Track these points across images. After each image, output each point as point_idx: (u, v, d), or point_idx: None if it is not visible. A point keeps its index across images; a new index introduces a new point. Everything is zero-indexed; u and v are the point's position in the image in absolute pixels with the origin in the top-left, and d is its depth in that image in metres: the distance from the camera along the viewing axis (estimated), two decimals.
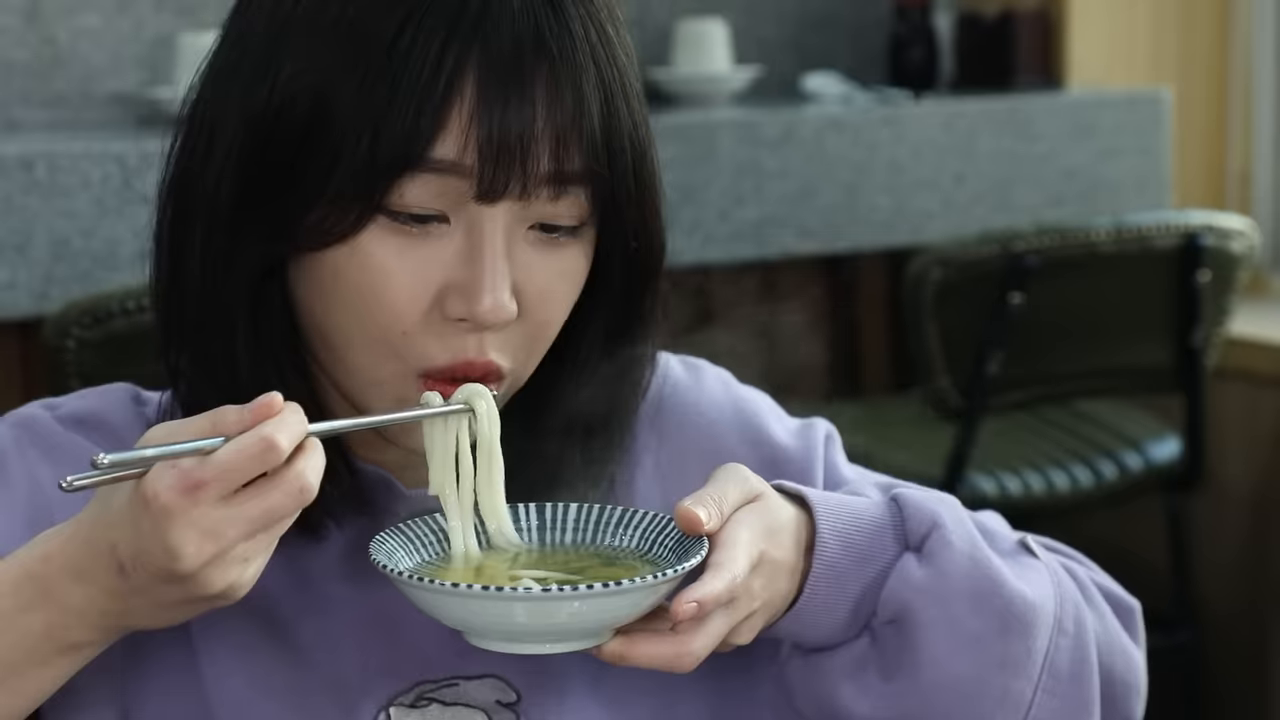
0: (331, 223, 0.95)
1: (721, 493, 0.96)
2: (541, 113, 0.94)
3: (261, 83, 0.97)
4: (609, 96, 0.96)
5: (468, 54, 0.93)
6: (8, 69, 2.70)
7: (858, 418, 2.70)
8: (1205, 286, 2.55)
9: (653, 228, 1.02)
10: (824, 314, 3.01)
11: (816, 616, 1.00)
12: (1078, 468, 2.65)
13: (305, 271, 0.99)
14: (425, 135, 0.93)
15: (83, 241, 2.30)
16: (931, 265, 2.44)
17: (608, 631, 0.93)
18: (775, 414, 1.15)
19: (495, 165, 0.94)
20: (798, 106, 2.96)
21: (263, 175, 0.97)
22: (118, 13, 2.78)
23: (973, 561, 1.02)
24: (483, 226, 0.96)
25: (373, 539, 0.95)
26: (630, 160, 0.98)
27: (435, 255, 0.96)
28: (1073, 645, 1.05)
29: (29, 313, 2.27)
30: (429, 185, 0.95)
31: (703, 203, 2.65)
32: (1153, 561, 2.82)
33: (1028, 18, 3.16)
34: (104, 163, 2.31)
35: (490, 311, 0.95)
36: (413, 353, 0.97)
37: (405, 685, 1.02)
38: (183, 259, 1.01)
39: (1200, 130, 3.31)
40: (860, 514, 1.02)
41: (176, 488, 0.84)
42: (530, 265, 0.98)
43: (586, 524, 1.00)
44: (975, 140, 2.91)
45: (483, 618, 0.91)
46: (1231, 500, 2.97)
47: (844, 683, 1.02)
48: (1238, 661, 2.99)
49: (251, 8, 1.00)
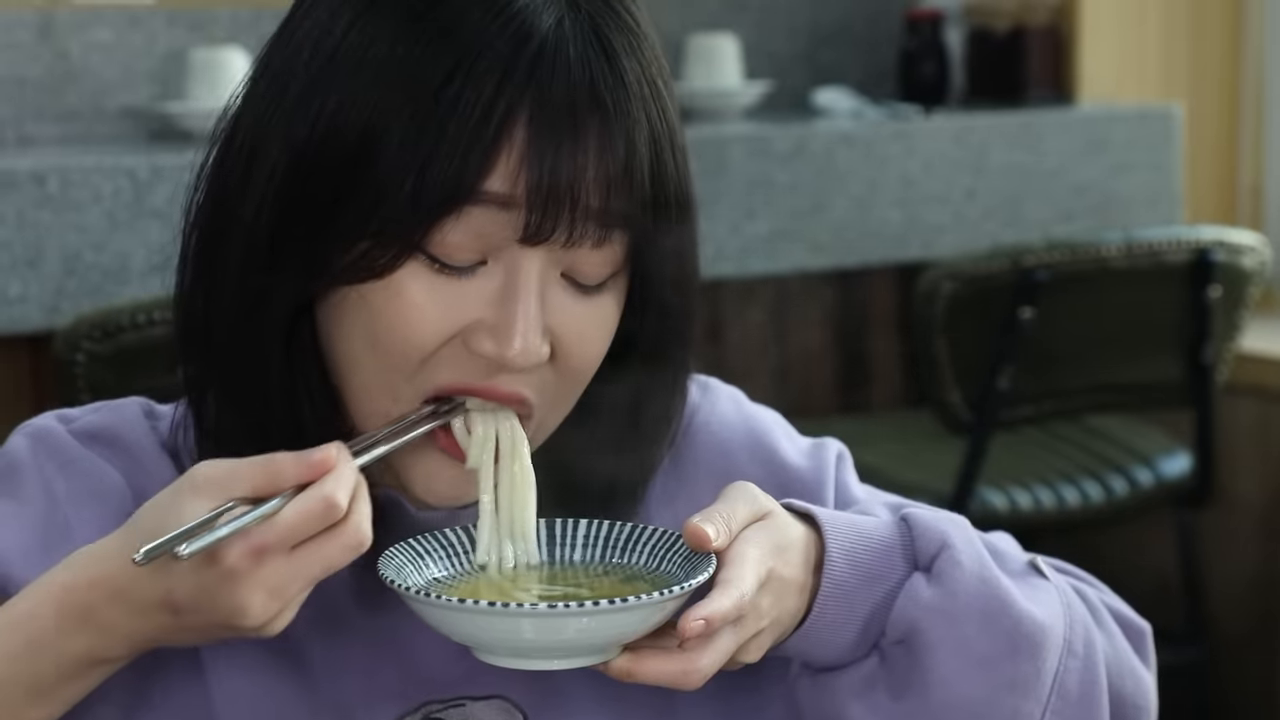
0: (371, 259, 0.95)
1: (730, 510, 0.96)
2: (593, 160, 0.94)
3: (305, 114, 0.96)
4: (658, 149, 0.96)
5: (520, 99, 0.93)
6: (20, 84, 2.71)
7: (868, 432, 2.70)
8: (1216, 302, 2.54)
9: (688, 282, 1.02)
10: (834, 328, 3.01)
11: (825, 635, 1.00)
12: (1088, 483, 2.64)
13: (330, 299, 0.98)
14: (474, 173, 0.93)
15: (94, 255, 2.30)
16: (942, 280, 2.44)
17: (615, 648, 0.93)
18: (787, 434, 1.15)
19: (544, 208, 0.93)
20: (809, 121, 2.96)
21: (303, 208, 0.96)
22: (129, 28, 2.78)
23: (982, 582, 1.02)
24: (519, 267, 0.95)
25: (381, 555, 0.95)
26: (674, 212, 0.98)
27: (469, 293, 0.96)
28: (1082, 667, 1.05)
29: (40, 326, 2.27)
30: (471, 225, 0.94)
31: (714, 217, 2.65)
32: (1163, 577, 2.82)
33: (1039, 33, 3.16)
34: (115, 177, 2.32)
35: (520, 355, 0.95)
36: (427, 375, 0.97)
37: (411, 706, 1.02)
38: (214, 286, 1.00)
39: (1212, 145, 3.30)
40: (869, 533, 1.01)
41: (244, 552, 0.86)
42: (564, 310, 0.97)
43: (596, 541, 1.00)
44: (986, 155, 2.91)
45: (490, 633, 0.91)
46: (1242, 516, 2.96)
47: (853, 702, 1.01)
48: (1248, 678, 2.99)
49: (296, 36, 0.99)
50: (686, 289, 1.02)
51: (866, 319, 3.05)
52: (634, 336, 1.02)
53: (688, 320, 1.04)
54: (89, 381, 1.90)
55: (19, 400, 2.37)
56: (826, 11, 3.29)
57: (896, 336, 3.05)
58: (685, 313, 1.03)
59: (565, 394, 1.00)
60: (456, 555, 0.98)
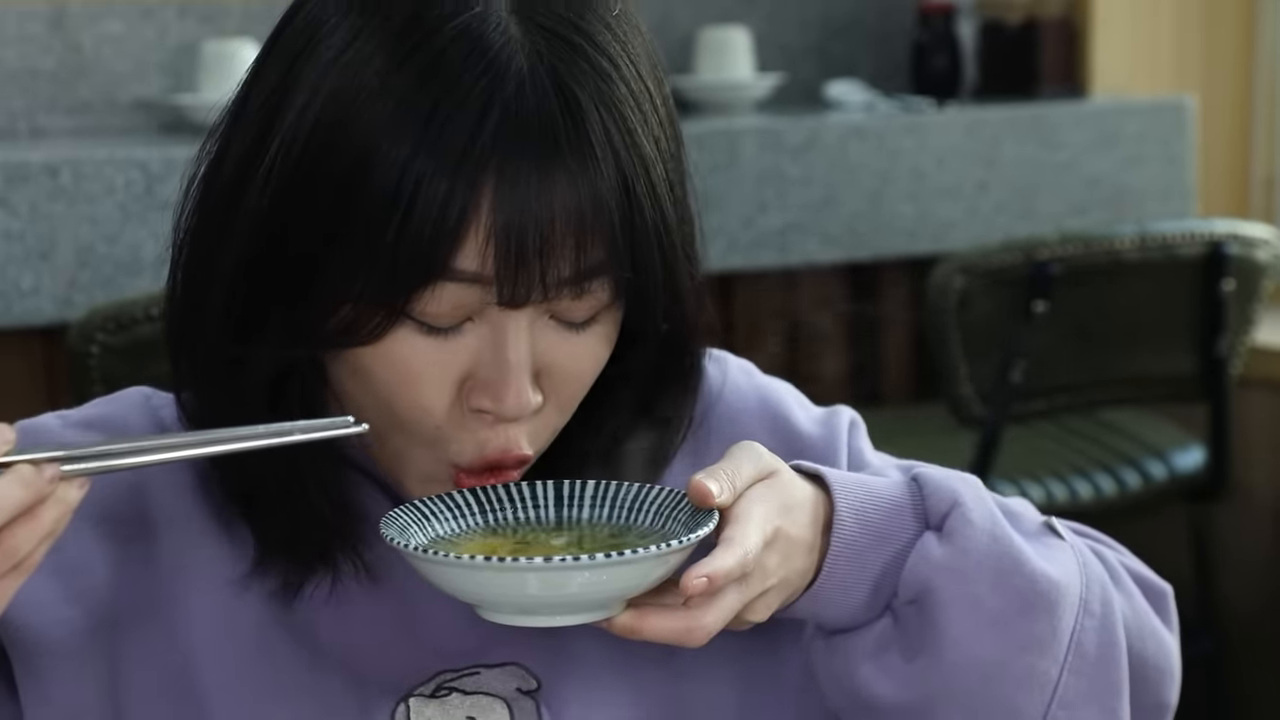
0: (358, 326, 0.95)
1: (735, 468, 0.96)
2: (560, 223, 0.93)
3: (276, 184, 0.95)
4: (629, 189, 0.95)
5: (485, 169, 0.92)
6: (33, 76, 2.71)
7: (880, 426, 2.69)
8: (1230, 295, 2.54)
9: (683, 307, 1.01)
10: (846, 321, 3.01)
11: (835, 595, 1.00)
12: (1101, 476, 2.64)
13: (334, 362, 0.99)
14: (444, 252, 0.93)
15: (107, 247, 2.30)
16: (954, 273, 2.43)
17: (619, 604, 0.93)
18: (799, 401, 1.15)
19: (515, 279, 0.93)
20: (820, 114, 2.95)
21: (281, 276, 0.96)
22: (141, 20, 2.79)
23: (994, 540, 1.01)
24: (505, 326, 0.96)
25: (383, 516, 0.95)
26: (656, 247, 0.97)
27: (460, 348, 0.96)
28: (1099, 626, 1.04)
29: (53, 319, 2.27)
30: (451, 295, 0.94)
31: (725, 210, 2.65)
32: (1176, 571, 2.80)
33: (1051, 25, 3.16)
34: (128, 169, 2.32)
35: (514, 409, 0.96)
36: (444, 445, 0.98)
37: (424, 676, 1.02)
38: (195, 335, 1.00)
39: (1225, 138, 3.30)
40: (879, 493, 1.01)
41: None
42: (552, 350, 0.97)
43: (602, 500, 1.00)
44: (999, 148, 2.91)
45: (494, 590, 0.91)
46: (1256, 509, 2.96)
47: (865, 664, 1.01)
48: (1262, 671, 2.98)
49: (257, 93, 0.98)
50: (680, 316, 1.01)
51: (878, 312, 3.04)
52: (630, 362, 1.02)
53: (683, 347, 1.04)
54: (103, 374, 1.90)
55: (33, 392, 2.37)
56: (838, 4, 3.29)
57: (909, 330, 3.05)
58: (679, 339, 1.03)
59: (560, 420, 1.01)
60: (462, 516, 0.99)
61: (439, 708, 1.02)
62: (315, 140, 0.95)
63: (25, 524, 0.85)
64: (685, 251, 1.00)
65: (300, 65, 0.96)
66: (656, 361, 1.03)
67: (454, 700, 1.02)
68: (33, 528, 0.85)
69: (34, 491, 0.85)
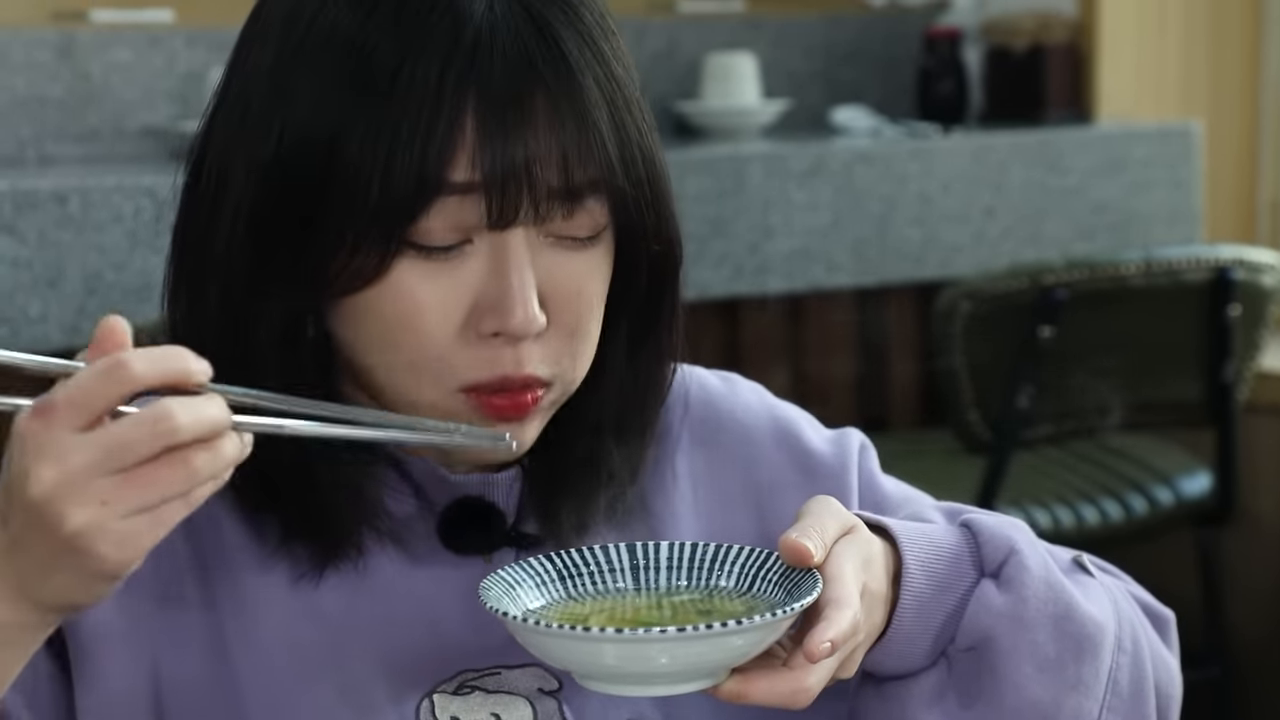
0: (359, 265, 0.97)
1: (821, 525, 0.97)
2: (544, 137, 0.96)
3: (268, 134, 0.98)
4: (613, 109, 0.98)
5: (465, 90, 0.95)
6: (41, 104, 2.72)
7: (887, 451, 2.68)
8: (1236, 320, 2.54)
9: (669, 229, 1.03)
10: (852, 347, 3.01)
11: (902, 646, 1.01)
12: (1108, 502, 2.64)
13: (338, 311, 1.00)
14: (435, 165, 0.95)
15: (115, 275, 2.31)
16: (961, 298, 2.44)
17: (724, 671, 0.93)
18: (810, 423, 1.16)
19: (503, 193, 0.96)
20: (827, 140, 2.96)
21: (279, 229, 0.98)
22: (150, 48, 2.80)
23: (1049, 586, 1.03)
24: (505, 244, 0.97)
25: (485, 578, 0.95)
26: (642, 167, 1.00)
27: (463, 276, 0.98)
28: (1131, 663, 1.06)
29: (60, 346, 2.28)
30: (446, 214, 0.96)
31: (732, 235, 2.65)
32: (1184, 597, 2.80)
33: (1057, 51, 3.16)
34: (136, 196, 2.33)
35: (522, 324, 0.97)
36: (450, 372, 0.99)
37: (447, 674, 1.03)
38: (200, 310, 1.02)
39: (1231, 163, 3.30)
40: (939, 542, 1.03)
41: (30, 413, 0.83)
42: (554, 269, 0.99)
43: (680, 563, 1.00)
44: (1005, 173, 2.91)
45: (619, 661, 0.90)
46: (1263, 535, 2.95)
47: (923, 711, 1.02)
48: (1270, 697, 2.97)
49: (251, 55, 1.02)
50: (667, 239, 1.03)
51: (885, 338, 3.04)
52: (624, 292, 1.04)
53: (672, 271, 1.05)
54: None
55: None
56: (844, 30, 3.30)
57: (915, 355, 3.05)
58: (669, 264, 1.04)
59: (575, 354, 1.01)
60: (542, 584, 0.97)
61: (463, 704, 1.02)
62: (301, 74, 0.98)
63: (206, 450, 0.82)
64: (664, 173, 1.02)
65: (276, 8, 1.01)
66: (647, 292, 1.04)
67: (476, 698, 1.03)
68: (213, 458, 0.83)
69: (226, 422, 0.83)
